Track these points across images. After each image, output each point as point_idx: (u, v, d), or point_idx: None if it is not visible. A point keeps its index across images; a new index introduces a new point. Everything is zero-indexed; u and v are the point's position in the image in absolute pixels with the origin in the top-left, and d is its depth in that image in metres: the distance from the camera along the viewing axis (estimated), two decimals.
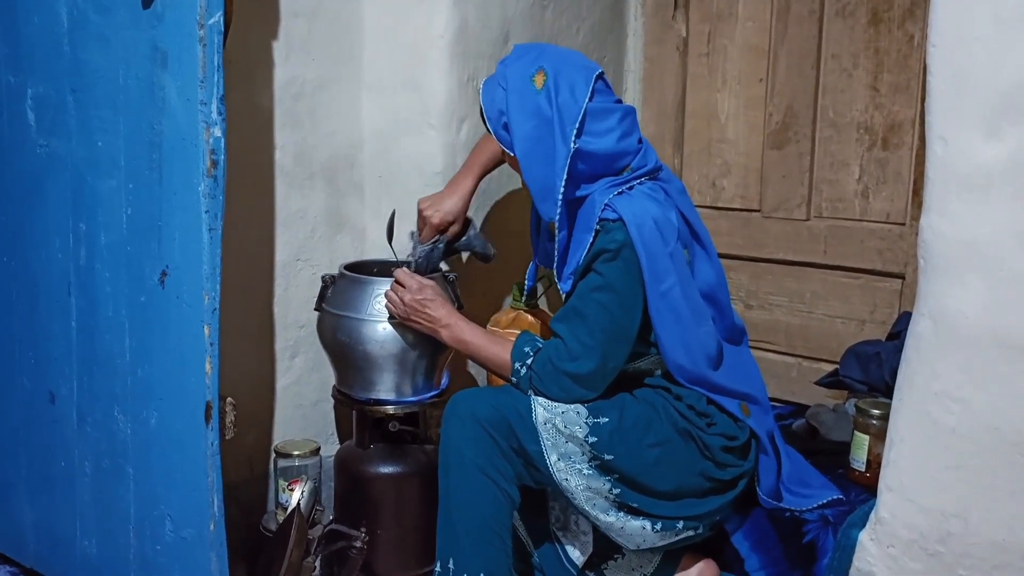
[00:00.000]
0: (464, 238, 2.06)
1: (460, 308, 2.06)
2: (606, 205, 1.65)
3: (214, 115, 1.55)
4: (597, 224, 1.66)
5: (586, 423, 1.66)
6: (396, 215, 2.05)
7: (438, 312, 1.82)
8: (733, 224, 2.61)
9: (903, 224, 2.30)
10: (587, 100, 1.66)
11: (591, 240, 1.67)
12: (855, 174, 2.38)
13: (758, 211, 2.57)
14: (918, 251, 1.53)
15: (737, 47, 2.56)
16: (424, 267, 2.01)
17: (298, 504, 1.89)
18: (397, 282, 1.87)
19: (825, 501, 1.83)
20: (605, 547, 1.85)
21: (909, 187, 2.28)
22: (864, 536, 1.64)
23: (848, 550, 1.66)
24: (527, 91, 1.67)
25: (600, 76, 1.71)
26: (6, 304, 1.97)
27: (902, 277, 2.31)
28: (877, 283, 2.37)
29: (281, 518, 1.95)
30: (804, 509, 1.82)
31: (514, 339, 1.78)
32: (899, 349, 1.64)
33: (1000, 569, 1.47)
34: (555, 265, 1.77)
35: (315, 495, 2.00)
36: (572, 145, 1.64)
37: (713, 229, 2.60)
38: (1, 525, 2.12)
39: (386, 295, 1.89)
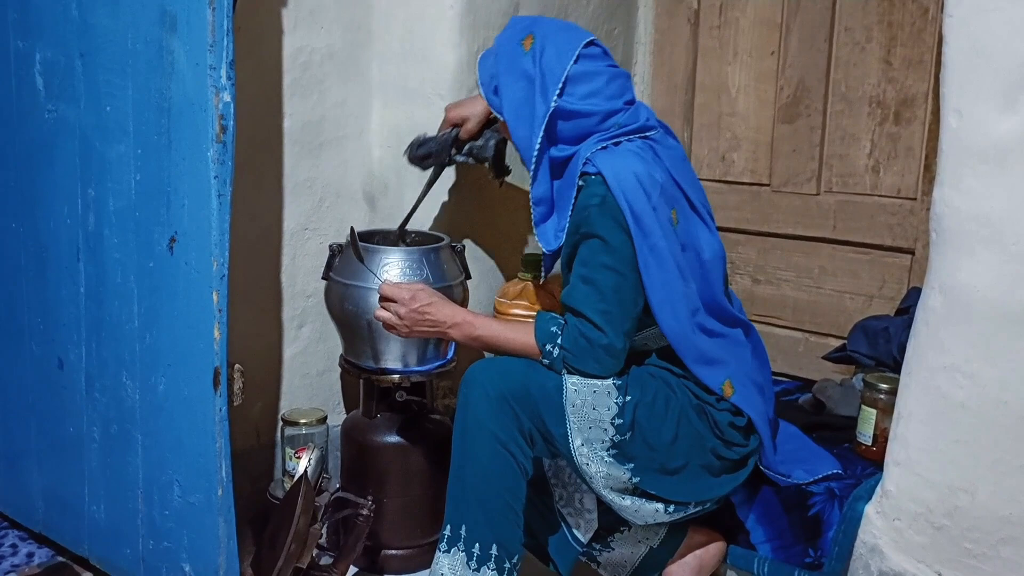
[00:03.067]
0: (479, 141, 2.01)
1: (467, 278, 2.06)
2: (587, 159, 1.67)
3: (223, 80, 1.55)
4: (580, 179, 1.68)
5: (616, 403, 1.64)
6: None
7: (441, 314, 1.75)
8: (742, 198, 2.59)
9: (914, 199, 2.29)
10: (571, 63, 1.70)
11: (575, 195, 1.69)
12: (866, 149, 2.36)
13: (767, 185, 2.55)
14: (930, 224, 1.52)
15: (749, 20, 2.54)
16: (422, 150, 2.01)
17: (305, 472, 1.90)
18: (384, 298, 1.76)
19: (824, 475, 1.83)
20: (611, 520, 1.85)
21: (920, 162, 2.27)
22: (870, 509, 1.64)
23: (854, 523, 1.67)
24: (515, 53, 1.74)
25: (591, 43, 1.74)
26: (15, 270, 1.97)
27: (912, 253, 2.30)
28: (886, 258, 2.36)
29: (288, 486, 1.96)
30: (807, 482, 1.82)
31: (524, 320, 1.76)
32: (908, 324, 1.63)
33: (1006, 543, 1.48)
34: (533, 219, 1.76)
35: (322, 463, 2.01)
36: (552, 103, 1.69)
37: (722, 203, 2.61)
38: (10, 491, 2.14)
39: (378, 317, 1.77)
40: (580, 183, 1.68)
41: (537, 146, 1.70)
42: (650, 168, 1.66)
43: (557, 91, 1.69)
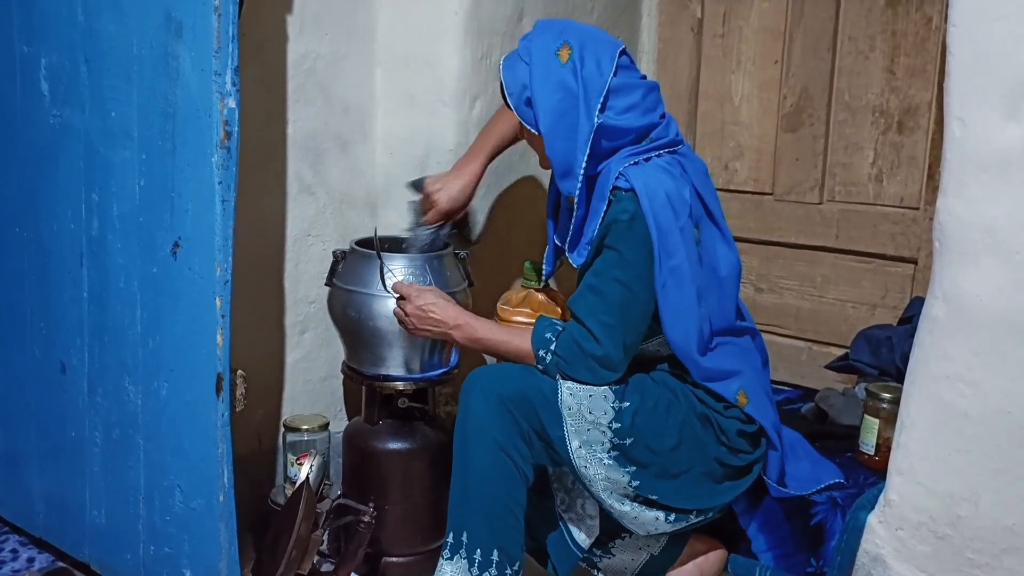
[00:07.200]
0: (463, 220, 2.09)
1: (471, 285, 2.06)
2: (619, 174, 1.63)
3: (228, 86, 1.55)
4: (610, 193, 1.64)
5: (612, 407, 1.64)
6: (407, 191, 2.05)
7: (444, 314, 1.80)
8: (745, 207, 2.60)
9: (917, 208, 2.29)
10: (612, 75, 1.65)
11: (604, 209, 1.65)
12: (869, 158, 2.36)
13: (770, 194, 2.55)
14: (933, 233, 1.51)
15: (752, 28, 2.54)
16: (428, 251, 2.02)
17: (307, 478, 1.90)
18: (398, 295, 1.87)
19: (827, 484, 1.82)
20: (613, 527, 1.85)
21: (924, 171, 2.27)
22: (873, 518, 1.64)
23: (856, 532, 1.66)
24: (552, 65, 1.65)
25: (624, 52, 1.70)
26: (18, 274, 1.98)
27: (914, 262, 2.30)
28: (889, 268, 2.36)
29: (289, 492, 1.96)
30: (808, 492, 1.82)
31: (525, 327, 1.76)
32: (911, 333, 1.63)
33: (1009, 553, 1.47)
34: (569, 238, 1.75)
35: (323, 470, 2.01)
36: (596, 120, 1.63)
37: (725, 212, 2.61)
38: (11, 495, 2.14)
39: (395, 312, 1.89)
40: (611, 197, 1.64)
41: (583, 164, 1.64)
42: (679, 186, 1.65)
43: (599, 106, 1.63)
